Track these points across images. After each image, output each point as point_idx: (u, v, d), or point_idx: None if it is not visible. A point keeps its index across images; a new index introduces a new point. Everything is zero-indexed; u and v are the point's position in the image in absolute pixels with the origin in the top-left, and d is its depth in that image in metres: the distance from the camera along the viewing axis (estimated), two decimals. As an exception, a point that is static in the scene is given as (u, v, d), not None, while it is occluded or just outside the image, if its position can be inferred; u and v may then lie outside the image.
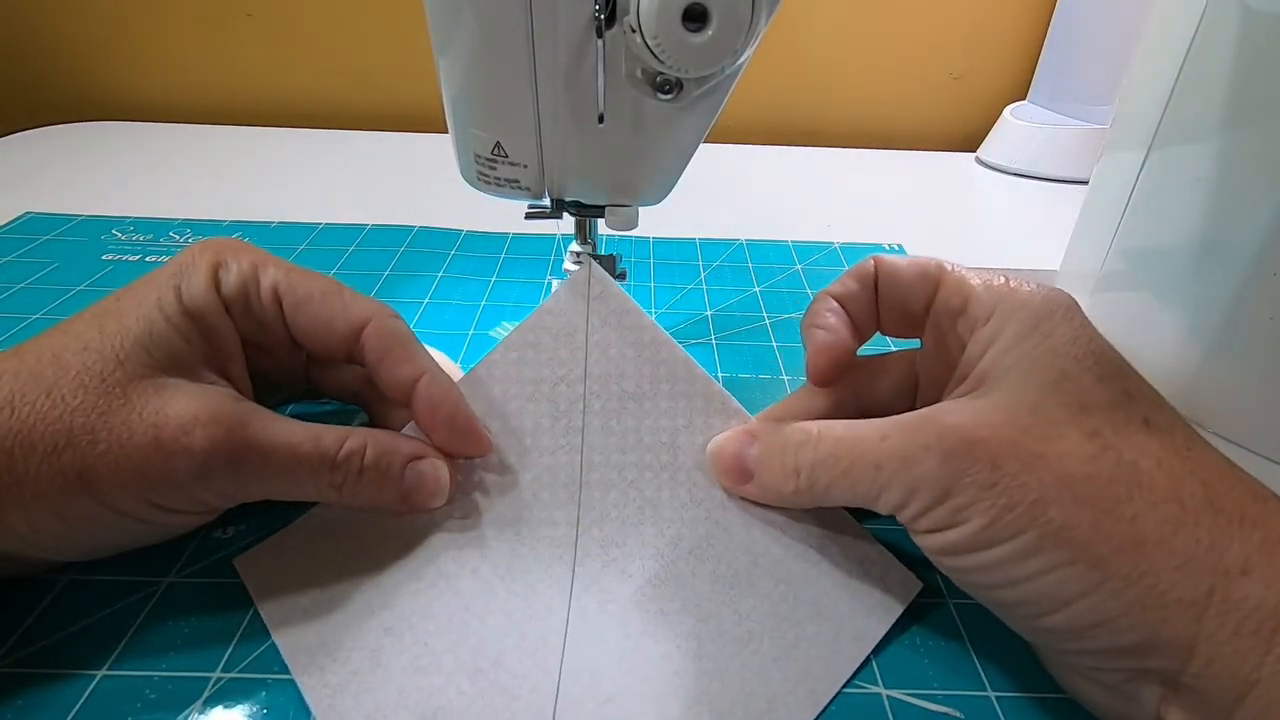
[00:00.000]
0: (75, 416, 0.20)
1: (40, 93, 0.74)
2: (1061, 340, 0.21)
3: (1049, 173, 0.65)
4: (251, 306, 0.25)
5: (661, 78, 0.23)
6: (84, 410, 0.20)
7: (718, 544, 0.25)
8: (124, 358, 0.22)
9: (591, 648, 0.22)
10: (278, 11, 0.70)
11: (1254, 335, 0.31)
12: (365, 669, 0.21)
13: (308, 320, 0.25)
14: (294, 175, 0.61)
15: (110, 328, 0.22)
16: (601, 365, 0.27)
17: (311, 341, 0.26)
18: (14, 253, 0.46)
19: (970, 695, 0.22)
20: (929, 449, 0.20)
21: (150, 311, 0.23)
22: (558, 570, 0.24)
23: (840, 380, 0.26)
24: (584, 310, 0.28)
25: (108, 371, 0.21)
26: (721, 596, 0.24)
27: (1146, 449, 0.19)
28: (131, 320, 0.23)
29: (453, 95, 0.27)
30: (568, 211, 0.31)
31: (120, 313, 0.23)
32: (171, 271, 0.25)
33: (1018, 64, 0.74)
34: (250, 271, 0.25)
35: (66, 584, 0.24)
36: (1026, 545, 0.19)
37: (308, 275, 0.26)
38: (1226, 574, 0.17)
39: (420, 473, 0.25)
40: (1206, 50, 0.33)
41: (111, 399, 0.21)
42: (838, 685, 0.22)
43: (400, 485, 0.24)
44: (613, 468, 0.26)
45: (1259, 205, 0.30)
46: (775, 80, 0.74)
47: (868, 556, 0.25)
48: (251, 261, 0.26)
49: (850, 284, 0.26)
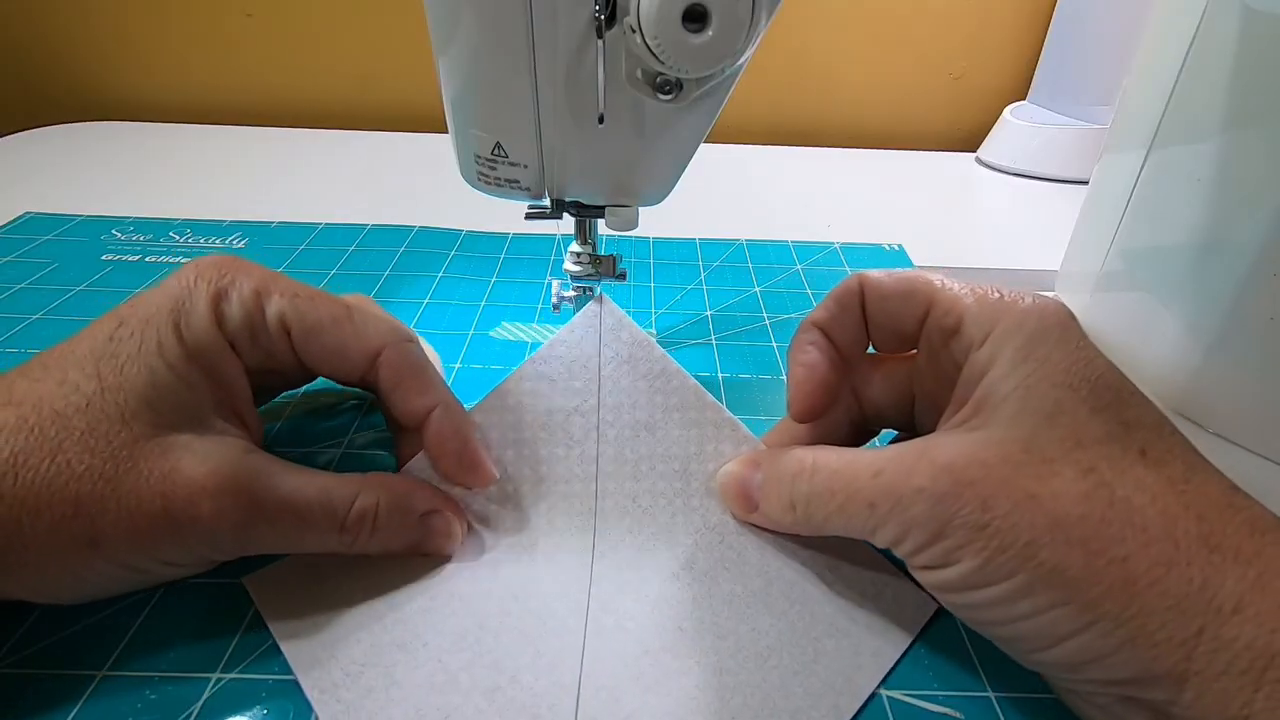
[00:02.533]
0: (82, 484, 0.20)
1: (40, 93, 0.74)
2: (1058, 368, 0.20)
3: (1049, 173, 0.65)
4: (258, 340, 0.24)
5: (661, 78, 0.23)
6: (90, 476, 0.20)
7: (732, 567, 0.25)
8: (129, 417, 0.21)
9: (609, 665, 0.22)
10: (278, 11, 0.70)
11: (1254, 335, 0.31)
12: (380, 687, 0.21)
13: (318, 349, 0.25)
14: (294, 175, 0.61)
15: (111, 379, 0.21)
16: (614, 396, 0.28)
17: (321, 368, 0.26)
18: (14, 253, 0.46)
19: (970, 695, 0.22)
20: (921, 491, 0.20)
21: (152, 359, 0.22)
22: (573, 590, 0.24)
23: (825, 413, 0.26)
24: (596, 342, 0.28)
25: (114, 433, 0.20)
26: (738, 615, 0.23)
27: (1142, 484, 0.19)
28: (134, 370, 0.22)
29: (453, 95, 0.27)
30: (568, 212, 0.31)
31: (119, 358, 0.22)
32: (170, 304, 0.23)
33: (1018, 64, 0.74)
34: (254, 301, 0.24)
35: (66, 584, 0.24)
36: (1018, 586, 0.19)
37: (315, 300, 0.25)
38: (1218, 612, 0.17)
39: (431, 528, 0.25)
40: (1206, 50, 0.33)
41: (119, 463, 0.20)
42: (860, 699, 0.22)
43: (412, 538, 0.24)
44: (626, 495, 0.27)
45: (1259, 205, 0.30)
46: (775, 80, 0.74)
47: (880, 579, 0.25)
48: (254, 289, 0.24)
49: (833, 308, 0.26)
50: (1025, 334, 0.21)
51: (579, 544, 0.26)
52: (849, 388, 0.27)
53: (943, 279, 0.24)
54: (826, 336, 0.26)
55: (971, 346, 0.22)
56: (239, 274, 0.24)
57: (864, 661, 0.23)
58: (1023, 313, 0.22)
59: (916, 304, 0.24)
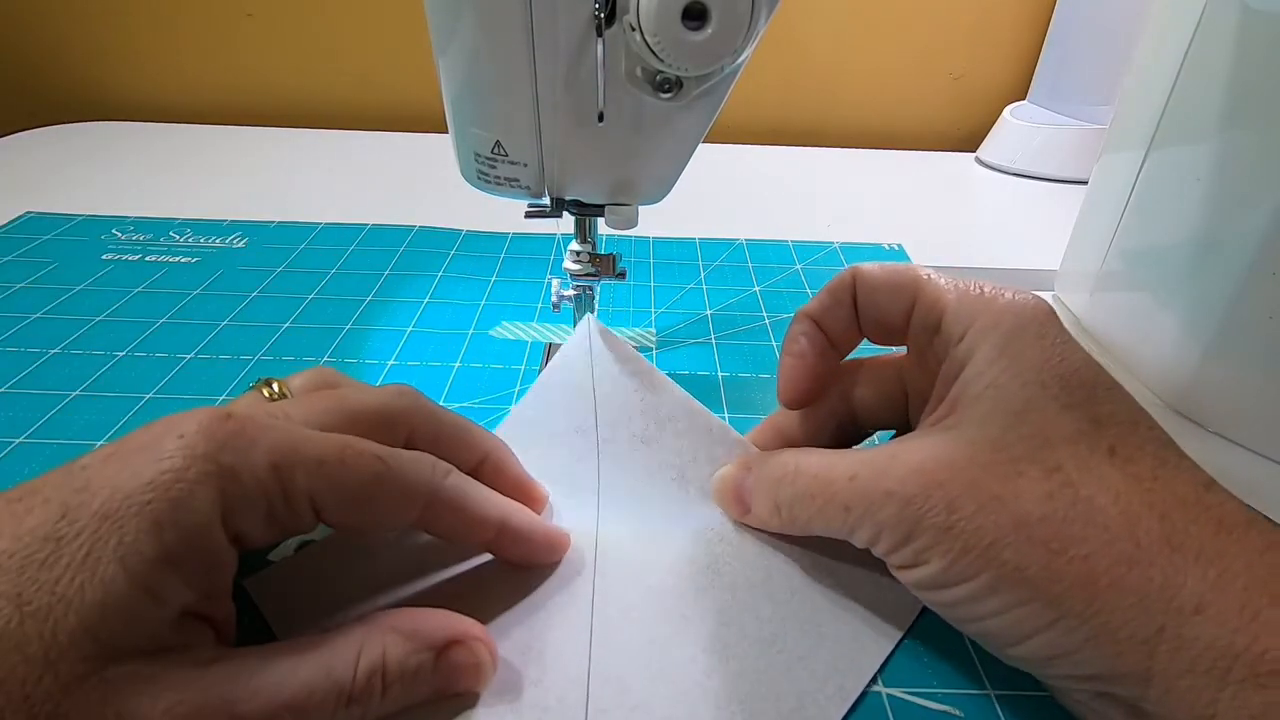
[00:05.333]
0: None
1: (40, 93, 0.74)
2: (1030, 365, 0.21)
3: (1049, 173, 0.66)
4: (275, 524, 0.19)
5: (661, 76, 0.23)
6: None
7: (733, 560, 0.25)
8: (56, 655, 0.15)
9: (617, 655, 0.22)
10: (278, 11, 0.71)
11: (1253, 335, 0.31)
12: None
13: (354, 522, 0.20)
14: (294, 175, 0.61)
15: (38, 601, 0.15)
16: (610, 413, 0.29)
17: (357, 530, 0.23)
18: (14, 253, 0.46)
19: (970, 695, 0.22)
20: (891, 495, 0.20)
21: (106, 569, 0.15)
22: (578, 585, 0.24)
23: (814, 401, 0.26)
24: (588, 363, 0.29)
25: (31, 682, 0.14)
26: (741, 603, 0.24)
27: (1106, 482, 0.19)
28: (73, 585, 0.15)
29: (453, 94, 0.27)
30: (567, 210, 0.31)
31: (54, 568, 0.15)
32: (145, 494, 0.16)
33: (1018, 64, 0.74)
34: (272, 480, 0.18)
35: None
36: (984, 586, 0.19)
37: (345, 463, 0.19)
38: (1179, 612, 0.17)
39: (454, 665, 0.20)
40: (1206, 50, 0.33)
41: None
42: (865, 679, 0.22)
43: (433, 684, 0.19)
44: (627, 501, 0.27)
45: (1258, 205, 0.30)
46: (775, 80, 0.75)
47: (878, 569, 0.25)
48: (270, 465, 0.18)
49: (826, 300, 0.26)
50: (1002, 331, 0.21)
51: (583, 543, 0.26)
52: (839, 389, 0.27)
53: (930, 273, 0.24)
54: (818, 327, 0.26)
55: (951, 342, 0.22)
56: (247, 447, 0.18)
57: (867, 644, 0.23)
58: (1001, 309, 0.22)
59: (903, 297, 0.24)
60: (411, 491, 0.21)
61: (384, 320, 0.41)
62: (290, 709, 0.17)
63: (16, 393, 0.33)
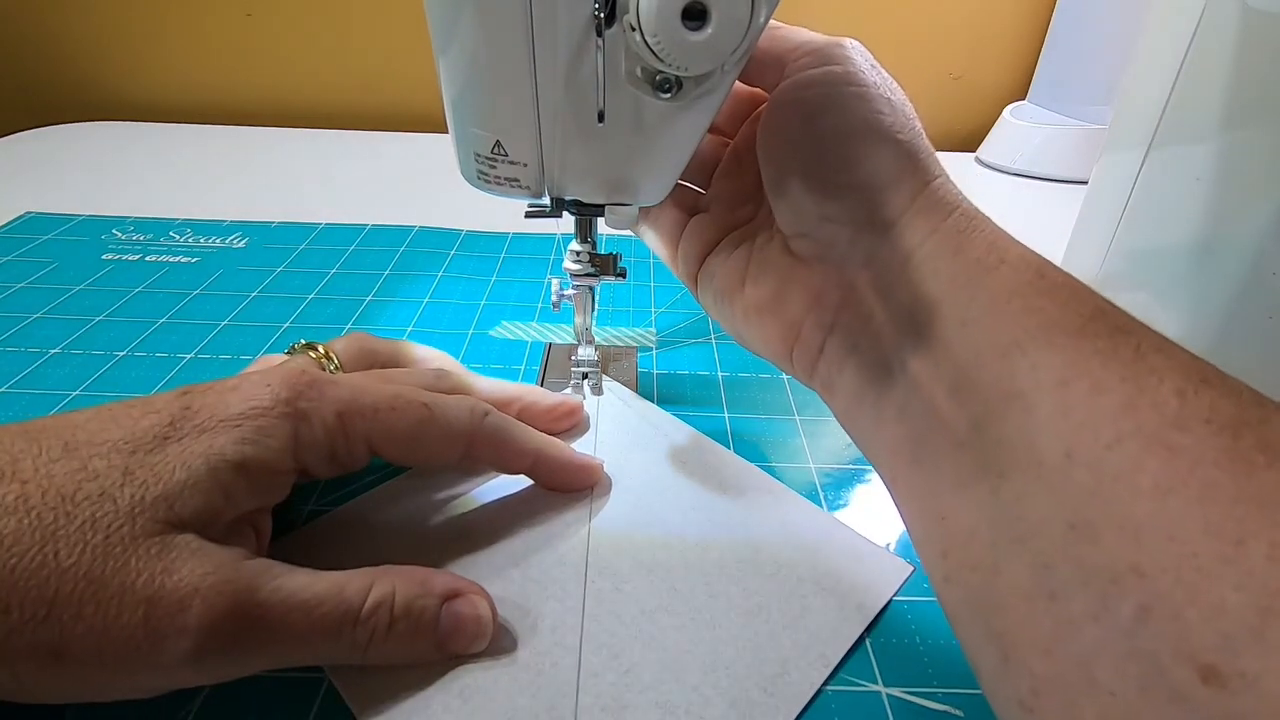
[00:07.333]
0: (64, 581, 0.17)
1: (40, 93, 0.74)
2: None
3: (1049, 173, 0.66)
4: (335, 459, 0.23)
5: (661, 76, 0.23)
6: (73, 575, 0.18)
7: (721, 538, 0.27)
8: (138, 511, 0.19)
9: (608, 624, 0.23)
10: (278, 11, 0.71)
11: (1253, 335, 0.31)
12: None
13: (405, 456, 0.25)
14: (294, 175, 0.61)
15: (141, 474, 0.19)
16: (607, 424, 0.32)
17: (404, 465, 0.28)
18: (14, 253, 0.46)
19: (970, 694, 0.22)
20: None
21: (196, 461, 0.20)
22: (571, 559, 0.26)
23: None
24: (595, 405, 0.33)
25: (115, 526, 0.18)
26: (729, 577, 0.25)
27: None
28: (169, 468, 0.20)
29: (453, 95, 0.27)
30: (567, 210, 0.31)
31: (160, 454, 0.20)
32: (238, 417, 0.21)
33: (1018, 64, 0.74)
34: (337, 425, 0.23)
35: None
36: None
37: (396, 410, 0.24)
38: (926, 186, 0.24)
39: (457, 614, 0.22)
40: (1206, 50, 0.33)
41: (110, 560, 0.18)
42: (845, 647, 0.23)
43: (435, 633, 0.21)
44: (620, 484, 0.29)
45: (1259, 205, 0.30)
46: (775, 80, 0.74)
47: (859, 548, 0.27)
48: (337, 413, 0.23)
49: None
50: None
51: (576, 518, 0.28)
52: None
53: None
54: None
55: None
56: (318, 397, 0.23)
57: (849, 614, 0.24)
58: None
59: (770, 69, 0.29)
60: (454, 432, 0.25)
61: (384, 320, 0.41)
62: (301, 610, 0.20)
63: (16, 393, 0.33)
